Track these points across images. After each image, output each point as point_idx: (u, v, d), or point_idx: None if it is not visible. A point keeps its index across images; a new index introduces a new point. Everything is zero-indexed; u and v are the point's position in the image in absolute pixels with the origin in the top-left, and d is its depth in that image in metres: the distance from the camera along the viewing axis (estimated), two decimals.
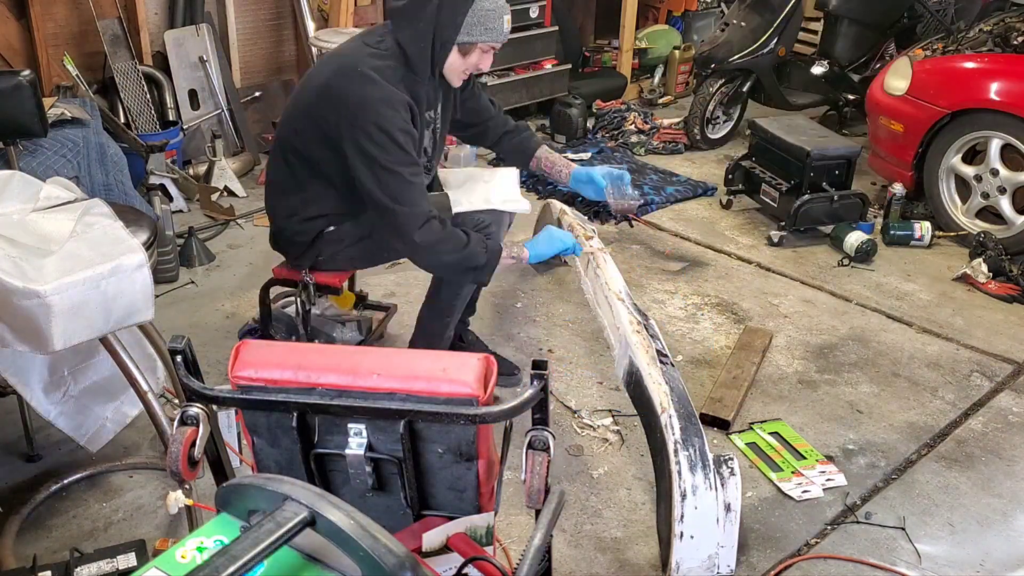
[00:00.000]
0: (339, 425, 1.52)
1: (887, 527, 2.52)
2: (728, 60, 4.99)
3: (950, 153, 4.11)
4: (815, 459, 2.75)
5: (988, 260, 3.84)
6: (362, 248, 2.72)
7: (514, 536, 2.42)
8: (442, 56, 2.52)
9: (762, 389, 3.10)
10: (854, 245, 3.99)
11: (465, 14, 2.47)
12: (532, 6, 5.11)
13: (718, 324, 3.49)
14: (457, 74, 2.61)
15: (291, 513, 1.11)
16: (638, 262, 3.93)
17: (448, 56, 2.53)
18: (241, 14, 4.74)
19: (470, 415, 1.45)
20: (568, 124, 5.21)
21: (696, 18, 6.36)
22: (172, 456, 1.46)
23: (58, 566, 2.07)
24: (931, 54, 4.30)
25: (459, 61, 2.56)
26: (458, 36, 2.48)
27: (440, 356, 1.53)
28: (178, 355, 1.53)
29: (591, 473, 2.68)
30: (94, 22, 4.17)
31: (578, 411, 2.95)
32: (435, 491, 1.61)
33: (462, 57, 2.55)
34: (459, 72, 2.61)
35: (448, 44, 2.50)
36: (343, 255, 2.74)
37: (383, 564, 1.06)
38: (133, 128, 4.21)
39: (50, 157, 3.24)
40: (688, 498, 2.22)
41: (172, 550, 1.19)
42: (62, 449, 2.68)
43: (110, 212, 2.25)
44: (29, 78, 2.47)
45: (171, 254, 3.60)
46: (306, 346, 1.87)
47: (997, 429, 2.95)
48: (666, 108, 5.93)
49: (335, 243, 2.69)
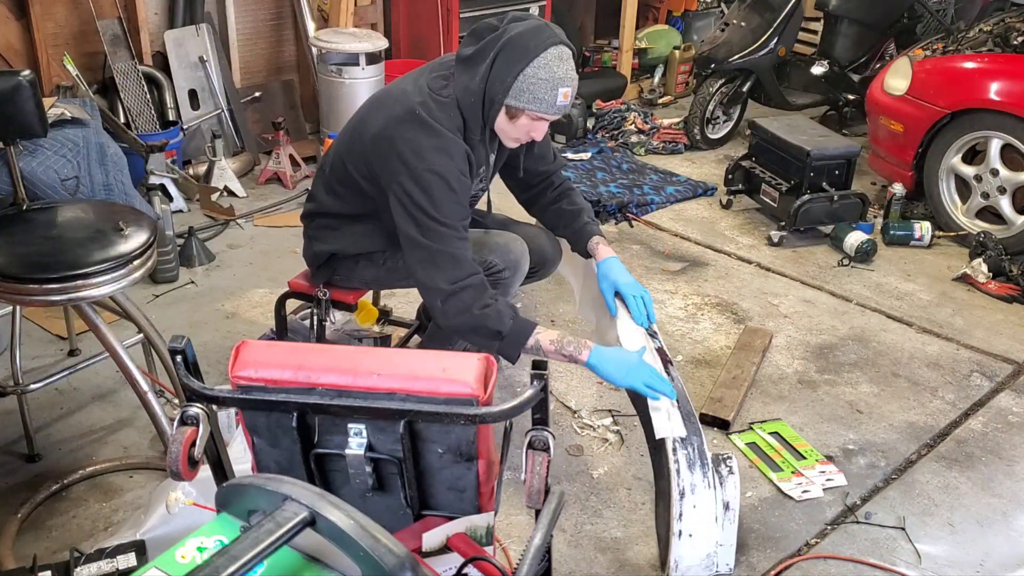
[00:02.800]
0: (339, 425, 1.52)
1: (887, 527, 2.52)
2: (728, 60, 4.99)
3: (950, 153, 4.11)
4: (815, 459, 2.76)
5: (988, 260, 3.84)
6: (380, 271, 2.64)
7: (514, 536, 2.42)
8: (491, 115, 2.34)
9: (762, 389, 3.10)
10: (854, 245, 3.99)
11: (516, 76, 2.26)
12: (532, 6, 5.11)
13: (718, 324, 3.49)
14: (508, 137, 2.43)
15: (291, 513, 1.11)
16: (638, 262, 3.93)
17: (497, 117, 2.35)
18: (241, 14, 4.74)
19: (470, 415, 1.45)
20: (568, 124, 5.21)
21: (696, 18, 6.36)
22: (172, 456, 1.46)
23: (58, 566, 2.07)
24: (931, 54, 4.30)
25: (508, 124, 2.37)
26: (506, 98, 2.29)
27: (440, 356, 1.53)
28: (178, 355, 1.53)
29: (591, 473, 2.69)
30: (94, 22, 4.17)
31: (578, 411, 2.95)
32: (435, 491, 1.61)
33: (509, 120, 2.35)
34: (509, 136, 2.42)
35: (496, 104, 2.31)
36: (358, 275, 2.67)
37: (383, 564, 1.06)
38: (133, 128, 4.21)
39: (50, 157, 3.25)
40: (687, 497, 2.22)
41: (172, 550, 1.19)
42: (62, 449, 2.68)
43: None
44: (29, 78, 2.47)
45: (171, 254, 3.60)
46: (306, 346, 1.87)
47: (997, 429, 2.95)
48: (666, 108, 5.93)
49: (350, 263, 2.63)
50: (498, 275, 2.53)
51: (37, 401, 2.80)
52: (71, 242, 2.39)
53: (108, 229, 2.42)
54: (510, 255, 2.56)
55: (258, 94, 4.85)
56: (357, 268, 2.65)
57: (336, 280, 2.70)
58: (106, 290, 2.33)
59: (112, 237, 2.39)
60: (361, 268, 2.64)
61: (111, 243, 2.37)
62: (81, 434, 2.75)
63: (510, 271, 2.56)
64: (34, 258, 2.31)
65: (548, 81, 2.27)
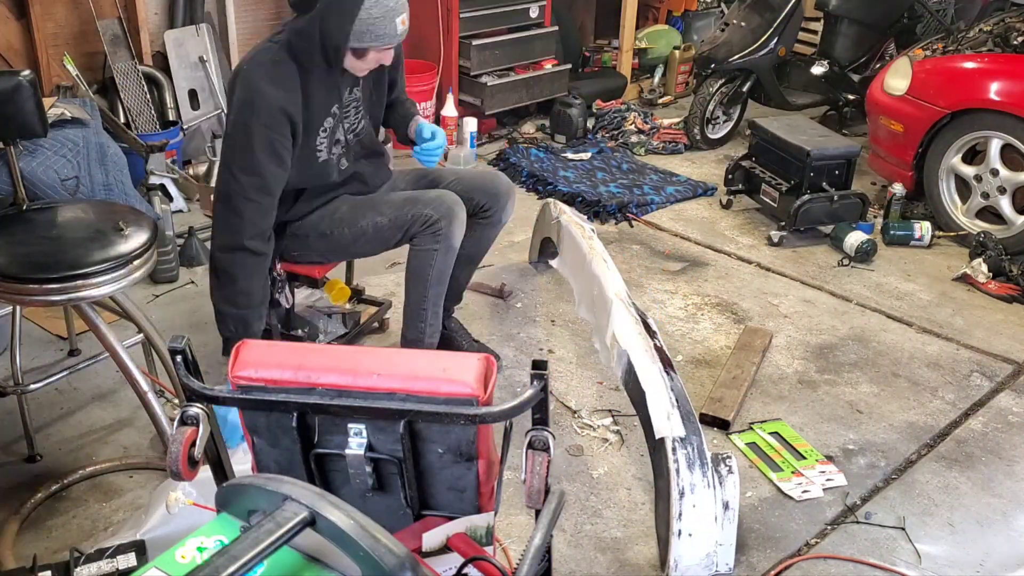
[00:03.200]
0: (339, 425, 1.52)
1: (887, 527, 2.52)
2: (728, 60, 4.99)
3: (950, 153, 4.11)
4: (815, 459, 2.76)
5: (988, 260, 3.84)
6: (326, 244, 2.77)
7: (514, 536, 2.42)
8: (337, 59, 2.50)
9: (762, 389, 3.10)
10: (854, 245, 3.99)
11: (352, 22, 2.41)
12: (532, 6, 5.11)
13: (718, 324, 3.49)
14: (360, 71, 2.60)
15: (291, 513, 1.11)
16: (638, 262, 3.93)
17: (344, 59, 2.51)
18: (241, 14, 4.74)
19: (470, 415, 1.45)
20: (568, 124, 5.21)
21: (696, 18, 6.36)
22: (172, 456, 1.46)
23: (58, 566, 2.07)
24: (931, 54, 4.29)
25: (357, 62, 2.55)
26: (348, 43, 2.45)
27: (440, 356, 1.53)
28: (178, 355, 1.53)
29: (591, 473, 2.69)
30: (94, 22, 4.17)
31: (578, 411, 2.95)
32: (435, 491, 1.61)
33: (358, 59, 2.54)
34: (360, 70, 2.60)
35: (339, 49, 2.47)
36: (311, 250, 2.80)
37: (383, 564, 1.06)
38: (133, 128, 4.21)
39: (50, 157, 3.24)
40: (686, 496, 2.22)
41: (172, 550, 1.19)
42: (62, 449, 2.68)
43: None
44: (29, 78, 2.47)
45: (171, 254, 3.60)
46: (306, 346, 1.88)
47: (997, 429, 2.95)
48: (666, 108, 5.93)
49: (302, 238, 2.75)
50: (434, 225, 2.68)
51: (37, 401, 2.80)
52: (71, 242, 2.39)
53: (108, 229, 2.42)
54: (442, 205, 2.70)
55: None
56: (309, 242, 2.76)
57: (293, 257, 2.81)
58: (106, 290, 2.33)
59: (112, 237, 2.39)
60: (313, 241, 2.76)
61: (111, 243, 2.37)
62: (81, 434, 2.75)
63: (446, 220, 2.70)
64: (34, 258, 2.31)
65: (384, 17, 2.42)
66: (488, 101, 5.03)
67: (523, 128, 5.40)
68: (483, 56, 5.01)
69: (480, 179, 2.96)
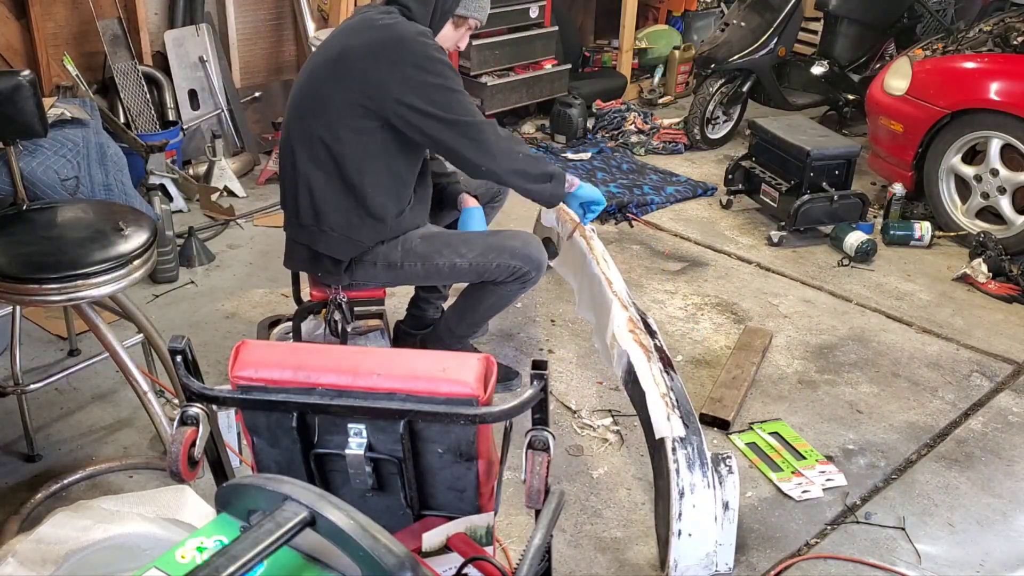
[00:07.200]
0: (339, 425, 1.52)
1: (887, 527, 2.52)
2: (728, 60, 4.99)
3: (950, 153, 4.11)
4: (815, 459, 2.76)
5: (988, 260, 3.84)
6: (394, 276, 2.66)
7: (514, 536, 2.42)
8: (440, 25, 2.57)
9: (762, 389, 3.10)
10: (854, 245, 3.99)
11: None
12: (532, 6, 5.11)
13: (718, 324, 3.49)
14: (446, 43, 2.62)
15: (291, 513, 1.11)
16: (638, 262, 3.93)
17: (444, 27, 2.58)
18: (241, 14, 4.74)
19: (470, 415, 1.45)
20: (568, 124, 5.21)
21: (696, 18, 6.36)
22: (172, 456, 1.46)
23: None
24: (931, 54, 4.30)
25: (451, 33, 2.61)
26: (457, 8, 2.55)
27: (440, 356, 1.53)
28: (178, 355, 1.53)
29: (591, 473, 2.69)
30: (94, 22, 4.17)
31: (578, 411, 2.95)
32: (435, 491, 1.61)
33: (454, 29, 2.61)
34: (448, 41, 2.63)
35: (448, 14, 2.55)
36: (376, 280, 2.68)
37: (383, 564, 1.06)
38: (133, 128, 4.21)
39: (50, 157, 3.24)
40: (686, 496, 2.22)
41: (172, 550, 1.19)
42: (62, 449, 2.68)
43: None
44: (29, 78, 2.47)
45: (171, 254, 3.60)
46: (306, 346, 1.87)
47: (997, 429, 2.95)
48: (666, 108, 5.93)
49: (368, 266, 2.62)
50: (523, 276, 2.64)
51: (37, 401, 2.80)
52: (71, 242, 2.39)
53: (108, 229, 2.43)
54: (530, 258, 2.65)
55: (258, 94, 4.85)
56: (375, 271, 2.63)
57: (352, 287, 2.68)
58: (106, 290, 2.33)
59: (112, 237, 2.39)
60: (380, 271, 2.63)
61: (111, 243, 2.37)
62: (81, 434, 2.75)
63: (535, 270, 2.66)
64: (34, 258, 2.31)
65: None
66: (488, 101, 5.04)
67: (523, 128, 5.41)
68: (483, 56, 5.01)
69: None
